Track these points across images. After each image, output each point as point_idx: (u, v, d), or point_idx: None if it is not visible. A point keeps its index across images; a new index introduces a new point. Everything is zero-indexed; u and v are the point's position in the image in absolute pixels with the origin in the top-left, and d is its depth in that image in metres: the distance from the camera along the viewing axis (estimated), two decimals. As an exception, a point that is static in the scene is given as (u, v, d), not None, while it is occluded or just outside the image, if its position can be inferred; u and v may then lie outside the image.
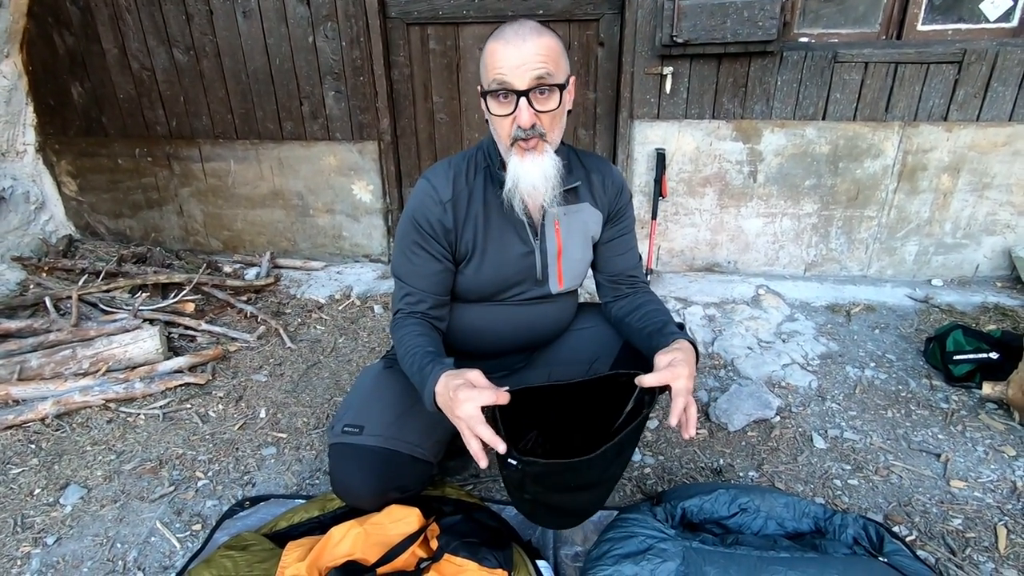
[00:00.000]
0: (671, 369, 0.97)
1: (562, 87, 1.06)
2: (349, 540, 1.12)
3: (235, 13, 2.49)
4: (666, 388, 0.98)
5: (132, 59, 2.64)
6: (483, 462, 0.95)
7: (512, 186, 1.09)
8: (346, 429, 1.19)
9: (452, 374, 0.98)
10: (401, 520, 1.17)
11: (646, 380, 0.97)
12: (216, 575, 1.11)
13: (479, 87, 1.11)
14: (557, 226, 1.21)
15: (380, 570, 1.09)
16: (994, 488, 1.48)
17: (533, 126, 1.04)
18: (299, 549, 1.13)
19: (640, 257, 1.35)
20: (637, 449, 1.64)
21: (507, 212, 1.18)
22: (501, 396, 0.93)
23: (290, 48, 2.53)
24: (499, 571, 1.10)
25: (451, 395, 0.95)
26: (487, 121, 1.15)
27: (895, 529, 1.36)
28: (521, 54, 1.00)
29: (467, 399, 0.92)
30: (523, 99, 1.02)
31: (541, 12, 2.40)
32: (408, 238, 1.17)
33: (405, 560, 1.12)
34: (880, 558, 1.10)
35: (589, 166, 1.26)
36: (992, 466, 1.55)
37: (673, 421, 0.97)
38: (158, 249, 2.84)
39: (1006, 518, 1.39)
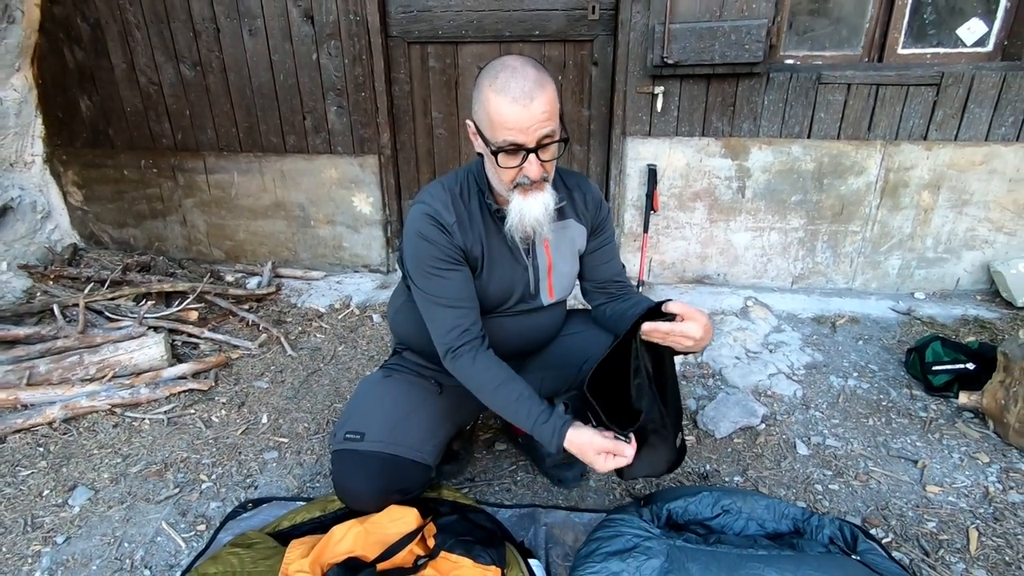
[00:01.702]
0: (695, 310, 1.08)
1: (565, 141, 1.13)
2: (350, 538, 1.18)
3: (241, 31, 2.57)
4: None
5: (140, 74, 2.71)
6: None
7: (516, 222, 1.15)
8: (348, 436, 1.24)
9: (580, 438, 1.12)
10: (400, 519, 1.22)
11: (671, 306, 1.09)
12: (222, 571, 1.16)
13: (472, 123, 1.14)
14: (546, 244, 1.29)
15: (379, 566, 1.15)
16: (968, 493, 1.55)
17: (540, 175, 1.11)
18: (302, 546, 1.18)
19: (623, 265, 1.43)
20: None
21: (501, 234, 1.24)
22: (628, 457, 1.10)
23: (294, 65, 2.61)
24: (493, 568, 1.15)
25: (588, 457, 1.11)
26: (480, 154, 1.20)
27: (872, 531, 1.42)
28: (530, 115, 1.04)
29: (603, 468, 1.10)
30: (532, 155, 1.08)
31: (537, 33, 2.50)
32: (431, 258, 1.19)
33: (403, 557, 1.17)
34: (853, 556, 1.17)
35: (570, 184, 1.33)
36: (967, 472, 1.62)
37: (648, 327, 1.09)
38: (161, 258, 2.90)
39: (978, 521, 1.45)
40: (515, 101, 1.03)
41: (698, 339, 1.07)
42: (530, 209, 1.13)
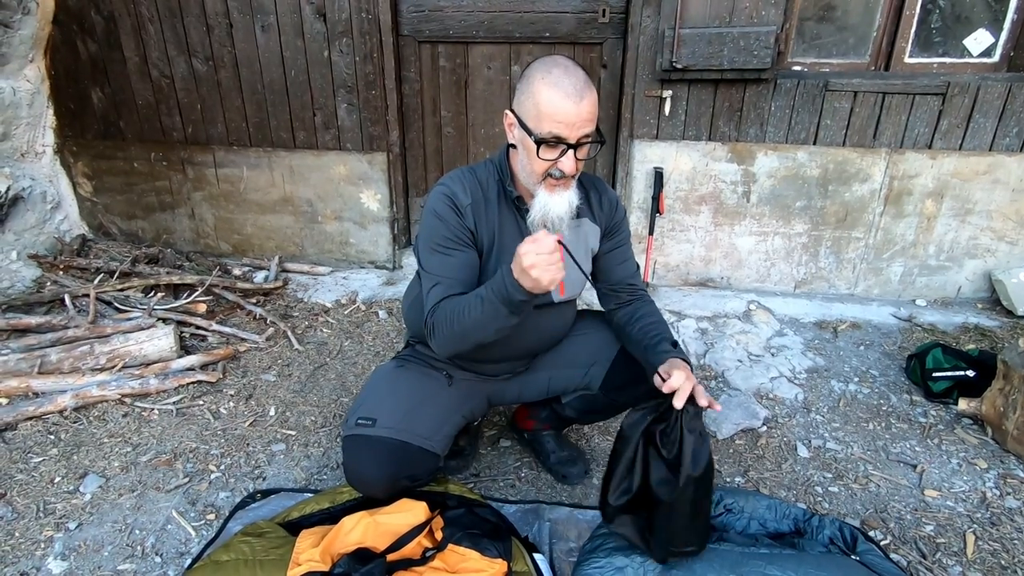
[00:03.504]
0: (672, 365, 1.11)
1: (602, 142, 1.16)
2: (360, 529, 1.20)
3: (254, 27, 2.59)
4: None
5: (152, 67, 2.73)
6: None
7: (541, 216, 1.18)
8: (360, 421, 1.27)
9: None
10: (408, 512, 1.25)
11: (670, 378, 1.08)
12: (235, 558, 1.18)
13: (511, 113, 1.18)
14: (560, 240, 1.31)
15: (388, 557, 1.17)
16: (965, 498, 1.57)
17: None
18: (312, 536, 1.21)
19: (637, 266, 1.45)
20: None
21: (517, 225, 1.28)
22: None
23: (306, 61, 2.63)
24: (499, 560, 1.18)
25: (520, 264, 1.01)
26: (510, 146, 1.23)
27: (871, 533, 1.44)
28: (579, 112, 1.08)
29: (530, 251, 1.00)
30: (571, 150, 1.12)
31: (548, 35, 2.52)
32: (438, 235, 1.22)
33: (412, 549, 1.19)
34: (853, 556, 1.19)
35: (587, 184, 1.36)
36: (965, 477, 1.64)
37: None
38: (169, 251, 2.92)
39: (975, 525, 1.48)
40: (568, 97, 1.08)
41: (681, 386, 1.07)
42: (555, 205, 1.17)
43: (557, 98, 1.08)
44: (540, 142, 1.12)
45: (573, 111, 1.08)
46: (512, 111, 1.18)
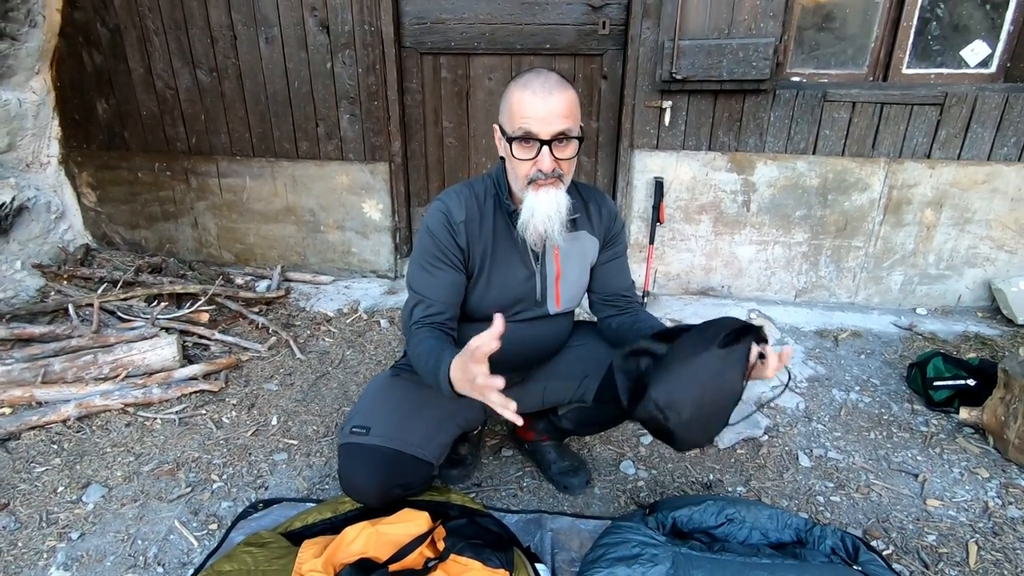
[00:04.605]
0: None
1: (580, 139, 1.18)
2: (362, 539, 1.20)
3: (258, 39, 2.62)
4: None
5: (157, 78, 2.76)
6: (519, 420, 0.99)
7: (528, 217, 1.19)
8: (354, 430, 1.28)
9: (457, 356, 1.03)
10: (410, 522, 1.25)
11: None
12: (237, 569, 1.18)
13: (497, 126, 1.22)
14: (556, 252, 1.32)
15: (391, 568, 1.17)
16: (967, 507, 1.57)
17: (552, 170, 1.16)
18: (315, 547, 1.21)
19: (632, 281, 1.46)
20: (631, 463, 1.73)
21: (513, 238, 1.29)
22: (496, 325, 0.95)
23: (309, 73, 2.66)
24: (501, 571, 1.18)
25: (460, 372, 1.00)
26: (502, 158, 1.26)
27: (873, 543, 1.44)
28: (548, 107, 1.12)
29: (463, 369, 0.99)
30: (546, 147, 1.14)
31: (548, 47, 2.54)
32: (428, 252, 1.26)
33: (414, 559, 1.19)
34: (855, 567, 1.19)
35: (586, 196, 1.37)
36: (967, 487, 1.64)
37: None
38: (172, 260, 2.93)
39: (977, 535, 1.47)
40: (535, 93, 1.12)
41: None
42: (541, 204, 1.17)
43: (526, 96, 1.13)
44: (512, 139, 1.15)
45: (542, 106, 1.11)
46: (497, 123, 1.22)
